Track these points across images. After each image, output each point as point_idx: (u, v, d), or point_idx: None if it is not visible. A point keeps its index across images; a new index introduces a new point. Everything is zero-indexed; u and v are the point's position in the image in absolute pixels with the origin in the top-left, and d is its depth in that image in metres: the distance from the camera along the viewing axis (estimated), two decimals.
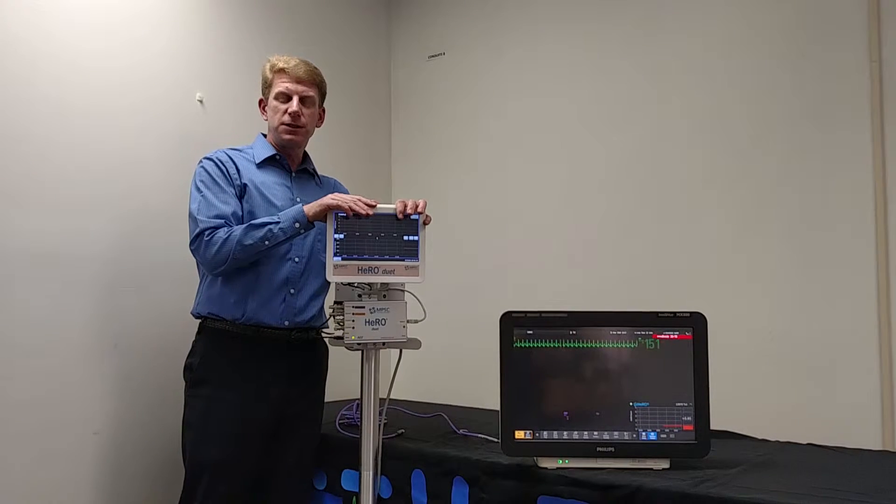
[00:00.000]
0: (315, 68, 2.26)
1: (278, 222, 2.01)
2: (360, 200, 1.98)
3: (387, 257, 1.98)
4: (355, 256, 1.96)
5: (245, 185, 2.13)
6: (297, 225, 2.01)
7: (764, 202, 2.44)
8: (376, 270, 1.97)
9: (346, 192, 2.37)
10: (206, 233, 2.03)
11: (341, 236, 1.97)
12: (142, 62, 2.47)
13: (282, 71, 2.20)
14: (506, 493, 1.92)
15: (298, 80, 2.20)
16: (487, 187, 3.13)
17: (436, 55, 3.35)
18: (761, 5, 2.48)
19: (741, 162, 2.49)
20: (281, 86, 2.19)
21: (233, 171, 2.14)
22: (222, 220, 2.05)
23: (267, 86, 2.24)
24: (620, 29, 2.79)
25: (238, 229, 2.02)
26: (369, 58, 3.41)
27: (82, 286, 2.27)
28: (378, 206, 2.02)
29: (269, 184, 2.19)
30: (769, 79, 2.45)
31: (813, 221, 2.35)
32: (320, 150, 2.43)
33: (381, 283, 2.01)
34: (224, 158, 2.16)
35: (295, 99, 2.19)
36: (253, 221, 2.03)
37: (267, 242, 2.00)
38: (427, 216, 2.03)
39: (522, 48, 3.06)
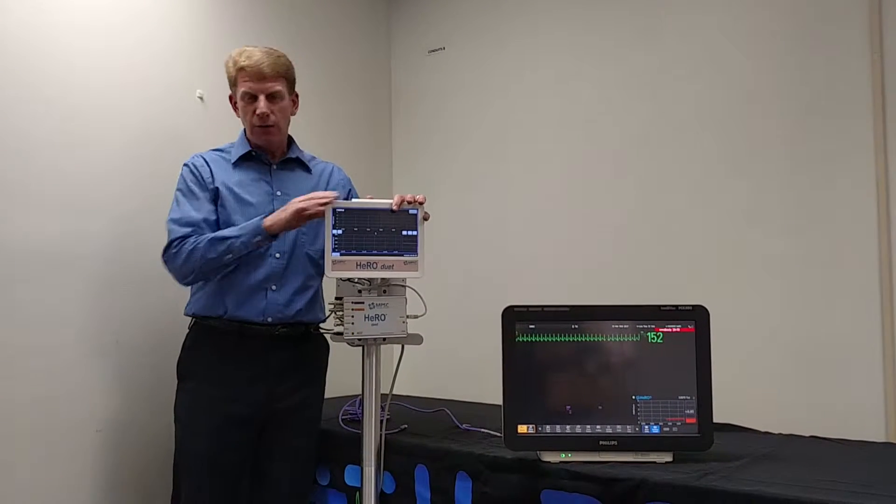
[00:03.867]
0: (277, 57, 2.15)
1: (239, 236, 2.00)
2: (314, 198, 1.98)
3: (385, 252, 1.97)
4: (354, 252, 1.96)
5: (218, 188, 2.13)
6: (257, 239, 2.00)
7: (767, 195, 2.43)
8: (375, 266, 1.96)
9: (344, 178, 2.35)
10: (174, 244, 2.04)
11: (339, 232, 1.96)
12: (142, 59, 2.46)
13: (243, 70, 2.11)
14: (509, 488, 1.92)
15: (261, 78, 2.11)
16: (488, 181, 3.12)
17: (436, 50, 3.34)
18: None
19: (743, 155, 2.48)
20: (244, 85, 2.12)
21: (206, 174, 2.14)
22: (191, 229, 2.05)
23: (232, 84, 2.18)
24: (622, 21, 2.78)
25: (203, 241, 2.01)
26: (369, 53, 3.40)
27: (83, 285, 2.27)
28: (376, 200, 2.03)
29: (246, 182, 2.17)
30: (771, 73, 2.44)
31: (816, 214, 2.35)
32: (320, 144, 2.43)
33: (381, 279, 2.01)
34: (199, 163, 2.16)
35: (261, 98, 2.12)
36: (217, 234, 2.03)
37: (230, 256, 2.01)
38: (426, 213, 2.03)
39: (523, 42, 3.05)
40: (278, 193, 2.18)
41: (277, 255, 2.14)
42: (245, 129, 2.25)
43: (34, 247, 2.16)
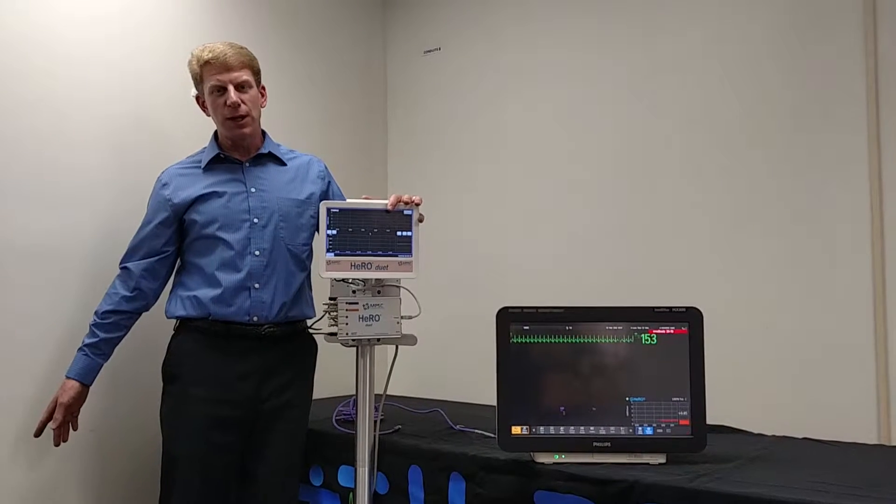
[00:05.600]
0: (241, 48, 2.15)
1: (81, 349, 2.09)
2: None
3: (380, 253, 1.97)
4: (348, 252, 1.96)
5: (187, 198, 2.13)
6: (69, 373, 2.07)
7: (760, 196, 2.44)
8: (370, 266, 1.96)
9: (322, 171, 2.33)
10: (120, 267, 2.17)
11: (334, 232, 1.96)
12: (140, 59, 2.46)
13: (208, 63, 2.10)
14: (502, 489, 1.92)
15: (228, 68, 2.10)
16: (484, 182, 3.12)
17: (431, 50, 3.34)
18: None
19: (737, 156, 2.49)
20: (212, 79, 2.10)
21: (167, 192, 2.15)
22: (129, 256, 2.16)
23: (198, 81, 2.16)
24: (618, 22, 2.78)
25: (106, 301, 2.12)
26: (364, 53, 3.39)
27: (74, 285, 2.27)
28: (372, 200, 2.03)
29: (218, 183, 2.16)
30: (764, 74, 2.45)
31: (809, 215, 2.35)
32: (316, 144, 2.43)
33: (375, 279, 2.01)
34: (166, 179, 2.19)
35: (230, 88, 2.10)
36: (94, 325, 2.10)
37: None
38: (421, 214, 2.03)
39: (519, 42, 3.05)
40: (252, 190, 2.17)
41: (257, 252, 2.12)
42: (216, 131, 2.24)
43: (22, 244, 2.16)
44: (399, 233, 1.99)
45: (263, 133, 2.28)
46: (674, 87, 2.63)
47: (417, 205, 2.02)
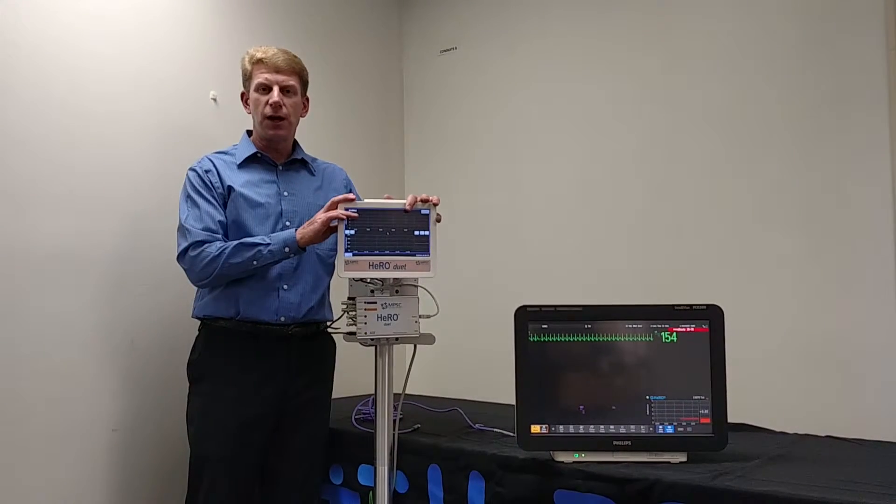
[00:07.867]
0: (295, 56, 2.22)
1: (269, 244, 2.02)
2: (335, 202, 1.97)
3: (398, 252, 1.98)
4: (366, 252, 1.97)
5: (230, 188, 2.14)
6: (286, 249, 2.02)
7: (780, 193, 2.42)
8: (387, 266, 1.97)
9: (345, 180, 2.37)
10: (193, 247, 2.05)
11: (352, 232, 1.97)
12: (155, 62, 2.48)
13: (260, 62, 2.16)
14: (522, 488, 1.92)
15: (277, 70, 2.16)
16: (501, 181, 3.12)
17: (448, 49, 3.34)
18: None
19: (757, 152, 2.47)
20: (260, 77, 2.16)
21: (215, 178, 2.15)
22: (210, 234, 2.07)
23: (247, 78, 2.21)
24: (634, 20, 2.76)
25: (228, 247, 2.03)
26: (381, 53, 3.40)
27: (97, 285, 2.29)
28: (390, 200, 2.03)
29: (253, 182, 2.18)
30: (785, 68, 2.42)
31: (831, 211, 2.33)
32: (333, 144, 2.44)
33: (394, 279, 2.01)
34: (208, 166, 2.17)
35: (275, 89, 2.15)
36: (244, 240, 2.04)
37: (255, 263, 2.02)
38: (438, 215, 2.03)
39: (535, 41, 3.04)
40: (285, 194, 2.20)
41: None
42: (251, 129, 2.27)
43: (49, 247, 2.18)
44: (417, 232, 1.99)
45: (295, 142, 2.31)
46: (691, 85, 2.61)
47: (435, 204, 2.02)
